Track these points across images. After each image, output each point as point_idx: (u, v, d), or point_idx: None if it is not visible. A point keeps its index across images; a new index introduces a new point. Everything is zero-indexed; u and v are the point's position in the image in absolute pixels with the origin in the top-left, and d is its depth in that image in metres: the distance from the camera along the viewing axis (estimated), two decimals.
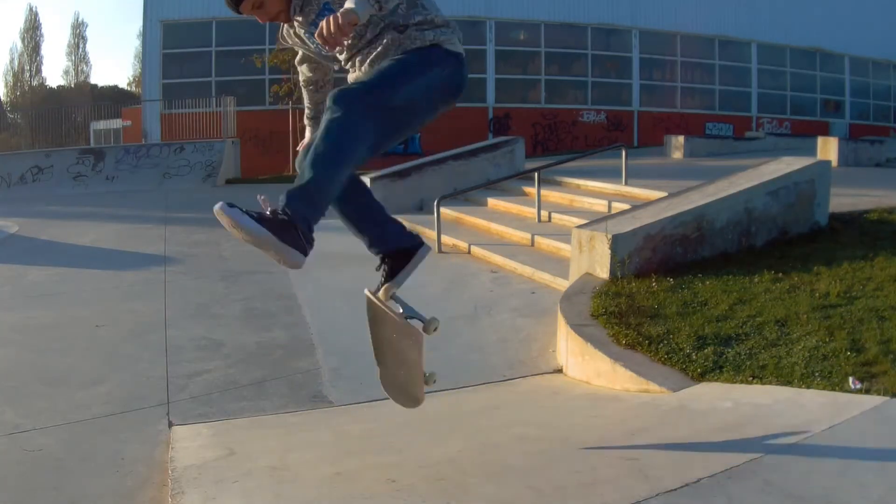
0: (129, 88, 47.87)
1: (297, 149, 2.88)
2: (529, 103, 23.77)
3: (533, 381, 4.57)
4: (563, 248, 7.01)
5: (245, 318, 6.11)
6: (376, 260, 2.93)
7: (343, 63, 2.76)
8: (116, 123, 24.32)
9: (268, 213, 2.33)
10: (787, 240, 6.44)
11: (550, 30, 23.77)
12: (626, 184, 9.48)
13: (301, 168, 2.46)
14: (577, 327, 4.65)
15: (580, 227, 6.20)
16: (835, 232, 6.67)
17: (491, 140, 13.96)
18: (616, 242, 5.64)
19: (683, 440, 3.10)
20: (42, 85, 48.36)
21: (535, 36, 23.80)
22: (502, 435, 3.55)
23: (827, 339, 4.09)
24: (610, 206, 8.42)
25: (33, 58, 47.90)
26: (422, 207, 10.88)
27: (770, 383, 3.67)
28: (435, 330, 2.82)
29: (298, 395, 4.43)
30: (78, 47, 49.36)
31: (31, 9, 67.38)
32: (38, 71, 49.08)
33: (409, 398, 2.98)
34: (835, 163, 11.68)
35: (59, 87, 49.11)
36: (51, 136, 18.97)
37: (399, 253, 2.89)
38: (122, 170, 16.09)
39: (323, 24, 2.28)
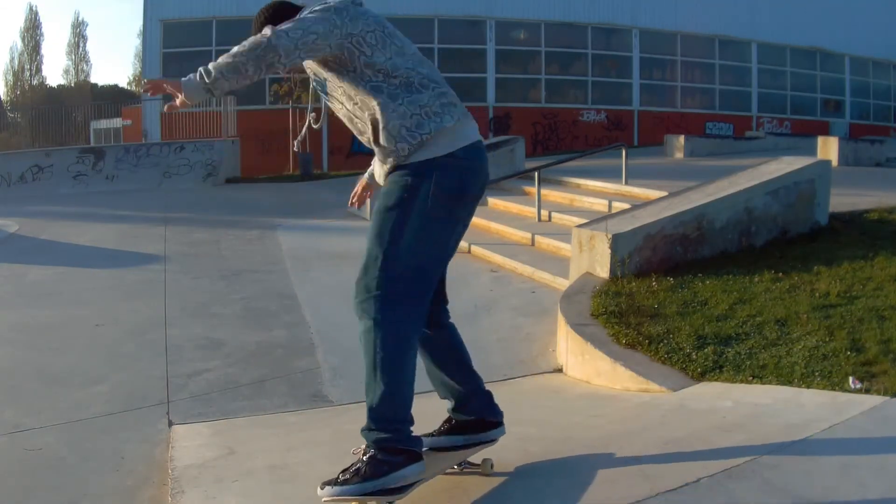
0: (129, 87, 47.89)
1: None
2: (530, 102, 23.76)
3: (533, 381, 4.57)
4: (564, 248, 7.01)
5: (245, 317, 6.11)
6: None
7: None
8: (117, 122, 24.28)
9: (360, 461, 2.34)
10: (787, 239, 6.44)
11: (550, 29, 23.77)
12: (627, 183, 9.48)
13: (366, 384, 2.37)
14: (577, 327, 4.65)
15: (580, 226, 6.20)
16: (835, 232, 6.67)
17: (491, 139, 13.96)
18: (616, 242, 5.64)
19: (683, 440, 3.10)
20: (42, 84, 48.38)
21: (536, 35, 23.79)
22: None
23: (827, 339, 4.09)
24: (610, 206, 8.42)
25: (33, 57, 47.95)
26: None
27: (770, 383, 3.67)
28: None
29: (298, 395, 4.43)
30: (78, 46, 49.43)
31: (31, 8, 67.55)
32: (39, 70, 49.15)
33: None
34: (835, 162, 11.69)
35: (59, 86, 49.18)
36: (51, 136, 18.94)
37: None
38: (123, 169, 16.08)
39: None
